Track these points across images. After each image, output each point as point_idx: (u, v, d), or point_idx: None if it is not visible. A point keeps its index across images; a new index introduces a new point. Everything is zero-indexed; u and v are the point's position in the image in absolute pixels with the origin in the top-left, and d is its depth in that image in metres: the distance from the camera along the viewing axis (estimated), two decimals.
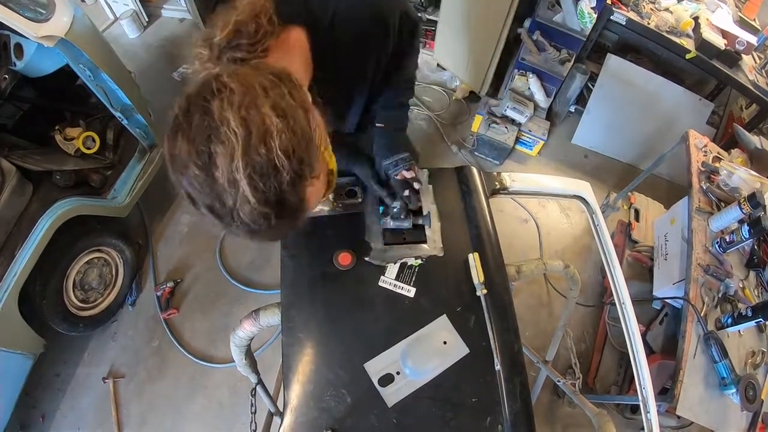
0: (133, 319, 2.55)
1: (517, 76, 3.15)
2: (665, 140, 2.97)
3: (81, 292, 2.26)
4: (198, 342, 2.50)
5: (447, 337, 1.03)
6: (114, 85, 2.09)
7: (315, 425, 0.93)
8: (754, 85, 2.69)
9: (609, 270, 1.30)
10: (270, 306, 1.13)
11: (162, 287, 2.58)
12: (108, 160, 2.32)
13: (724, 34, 2.73)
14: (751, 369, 1.76)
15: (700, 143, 2.27)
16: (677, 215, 2.28)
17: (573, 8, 2.74)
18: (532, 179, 1.38)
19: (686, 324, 1.76)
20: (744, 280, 1.95)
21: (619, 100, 3.19)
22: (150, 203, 2.82)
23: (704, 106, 3.17)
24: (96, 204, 2.21)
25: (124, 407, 2.32)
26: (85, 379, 2.37)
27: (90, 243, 2.25)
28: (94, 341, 2.47)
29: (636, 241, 2.73)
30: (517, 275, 1.23)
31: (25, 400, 2.19)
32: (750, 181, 2.06)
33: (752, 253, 1.99)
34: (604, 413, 1.28)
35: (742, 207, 1.90)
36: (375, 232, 1.16)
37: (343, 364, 0.99)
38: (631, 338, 1.22)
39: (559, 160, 3.38)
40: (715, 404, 1.68)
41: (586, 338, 2.62)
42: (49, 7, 1.79)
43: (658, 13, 2.81)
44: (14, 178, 1.87)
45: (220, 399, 2.35)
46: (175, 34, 3.80)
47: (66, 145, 2.11)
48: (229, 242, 2.82)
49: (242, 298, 2.63)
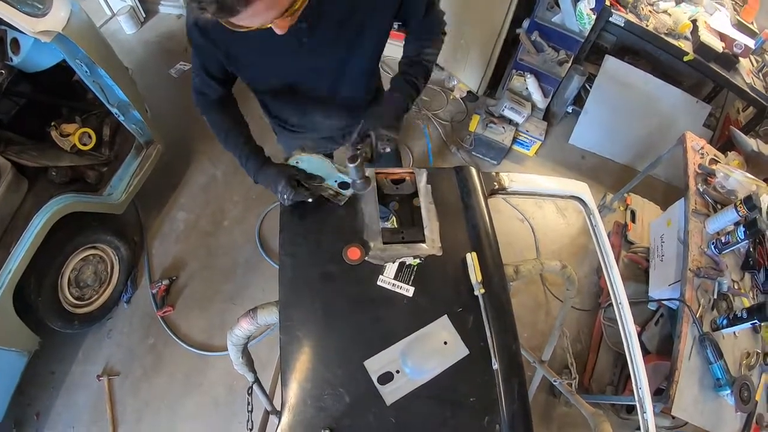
0: (128, 317, 2.54)
1: (515, 77, 3.15)
2: (662, 142, 2.98)
3: (76, 289, 2.25)
4: (194, 339, 2.49)
5: (447, 338, 1.03)
6: (110, 81, 2.08)
7: (313, 424, 0.93)
8: (751, 88, 2.71)
9: (606, 271, 1.30)
10: (268, 304, 1.13)
11: (157, 285, 2.57)
12: (104, 157, 2.30)
13: (722, 36, 2.74)
14: (746, 370, 1.77)
15: (696, 145, 2.28)
16: (673, 217, 2.28)
17: (572, 9, 2.74)
18: (531, 180, 1.38)
19: (682, 325, 1.76)
20: (739, 281, 1.96)
21: (616, 102, 3.20)
22: (146, 200, 2.81)
23: (701, 109, 3.18)
24: (92, 201, 2.20)
25: (119, 405, 2.31)
26: (80, 376, 2.36)
27: (85, 240, 2.24)
28: (90, 339, 2.46)
29: (632, 242, 2.74)
30: (515, 275, 1.23)
31: (19, 397, 2.19)
32: (746, 183, 2.07)
33: (748, 255, 2.00)
34: (600, 413, 1.29)
35: (738, 209, 1.91)
36: (374, 231, 1.16)
37: (341, 363, 0.99)
38: (628, 339, 1.22)
39: (556, 160, 3.38)
40: (709, 405, 1.69)
41: (581, 338, 2.63)
42: (46, 2, 1.78)
43: (657, 15, 2.82)
44: (9, 173, 1.86)
45: (216, 397, 2.34)
46: (172, 30, 3.79)
47: (62, 141, 2.10)
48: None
49: (238, 296, 2.63)
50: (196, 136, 3.16)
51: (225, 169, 3.07)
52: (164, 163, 2.70)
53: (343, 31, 1.17)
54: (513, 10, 2.80)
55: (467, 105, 3.55)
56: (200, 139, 3.16)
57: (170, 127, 2.93)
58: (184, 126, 3.16)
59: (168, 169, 2.92)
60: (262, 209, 2.91)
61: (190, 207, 2.92)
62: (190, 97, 1.38)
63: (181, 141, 3.11)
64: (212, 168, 3.08)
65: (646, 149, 3.28)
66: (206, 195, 2.98)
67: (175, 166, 3.03)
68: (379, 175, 1.30)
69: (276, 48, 1.13)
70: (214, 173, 3.06)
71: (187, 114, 3.20)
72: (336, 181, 1.19)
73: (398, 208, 1.28)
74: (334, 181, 1.19)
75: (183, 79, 3.48)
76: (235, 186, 3.01)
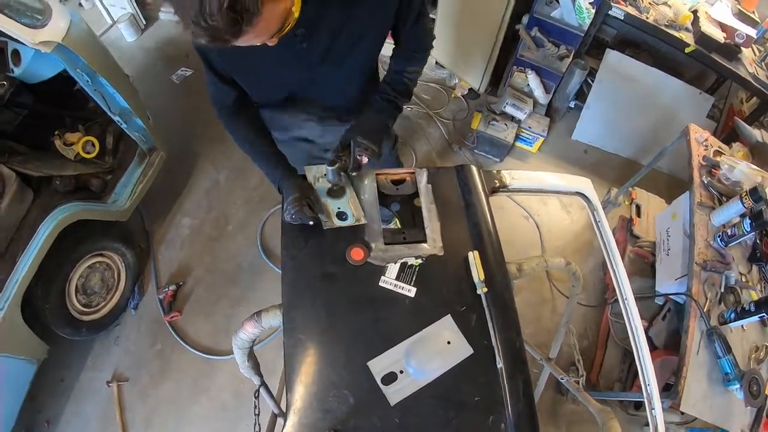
0: (135, 323, 2.56)
1: (516, 73, 3.14)
2: (665, 135, 2.95)
3: (83, 296, 2.26)
4: (201, 344, 2.50)
5: (451, 337, 1.02)
6: (112, 89, 2.09)
7: (318, 426, 0.93)
8: (754, 78, 2.68)
9: (611, 266, 1.29)
10: (271, 308, 1.14)
11: (164, 290, 2.59)
12: (108, 165, 2.32)
13: (723, 27, 2.72)
14: (755, 364, 1.76)
15: (700, 137, 2.26)
16: (679, 210, 2.27)
17: (571, 4, 2.73)
18: (533, 176, 1.37)
19: (689, 320, 1.75)
20: (746, 274, 1.95)
21: (618, 96, 3.18)
22: (150, 207, 2.83)
23: (704, 100, 3.15)
24: (96, 209, 2.22)
25: (128, 411, 2.32)
26: (89, 383, 2.38)
27: (91, 247, 2.25)
28: (98, 345, 2.47)
29: (637, 237, 2.72)
30: (518, 273, 1.22)
31: (30, 405, 2.20)
32: (751, 175, 2.05)
33: (754, 247, 1.98)
34: (608, 410, 1.28)
35: (743, 201, 1.89)
36: (375, 232, 1.16)
37: (345, 364, 0.99)
38: (635, 335, 1.21)
39: (559, 156, 3.37)
40: (718, 400, 1.67)
41: (588, 335, 2.61)
42: (46, 12, 1.79)
43: (657, 7, 2.80)
44: (14, 184, 1.87)
45: (224, 401, 2.35)
46: (172, 37, 3.81)
47: (66, 150, 2.12)
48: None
49: (244, 300, 2.63)
50: (198, 141, 3.18)
51: (228, 174, 3.08)
52: (168, 170, 2.72)
53: (337, 42, 1.18)
54: (512, 6, 2.79)
55: (469, 103, 3.54)
56: (203, 144, 3.17)
57: (173, 133, 2.95)
58: (187, 132, 3.18)
59: (172, 175, 2.94)
60: (264, 213, 2.92)
61: (195, 212, 2.94)
62: (192, 102, 1.40)
63: (184, 147, 3.13)
64: (215, 173, 3.09)
65: (649, 143, 3.25)
66: (210, 200, 2.99)
67: (179, 172, 3.04)
68: (380, 176, 1.30)
69: (271, 56, 1.14)
70: (217, 178, 3.07)
71: (189, 119, 3.22)
72: (339, 208, 1.20)
73: (399, 209, 1.29)
74: (337, 207, 1.20)
75: (185, 85, 3.50)
76: (238, 190, 3.02)
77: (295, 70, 1.26)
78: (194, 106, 3.20)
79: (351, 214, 1.18)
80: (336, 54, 1.22)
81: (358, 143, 1.23)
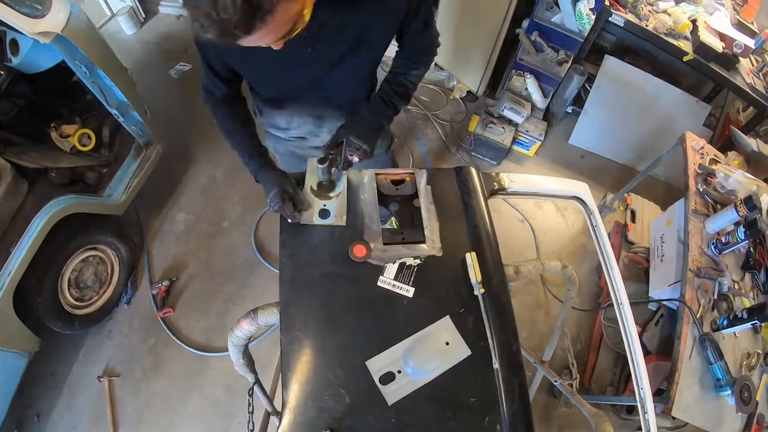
0: (128, 318, 2.54)
1: (515, 77, 3.15)
2: (662, 142, 2.98)
3: (76, 290, 2.25)
4: (194, 340, 2.49)
5: (450, 338, 1.02)
6: (110, 82, 2.07)
7: (313, 425, 0.92)
8: (751, 87, 2.71)
9: (607, 271, 1.30)
10: (268, 305, 1.13)
11: (157, 286, 2.57)
12: (104, 158, 2.31)
13: (722, 36, 2.75)
14: (747, 370, 1.77)
15: (697, 145, 2.28)
16: (673, 217, 2.28)
17: (571, 9, 2.74)
18: (531, 180, 1.38)
19: (682, 326, 1.76)
20: (739, 281, 1.96)
21: (616, 102, 3.20)
22: (146, 201, 2.81)
23: (701, 108, 3.18)
24: (92, 202, 2.20)
25: (119, 406, 2.31)
26: (81, 377, 2.36)
27: (85, 241, 2.24)
28: (90, 340, 2.46)
29: (632, 242, 2.74)
30: (515, 275, 1.22)
31: (20, 399, 2.18)
32: (746, 183, 2.07)
33: (748, 255, 2.00)
34: (601, 414, 1.28)
35: (738, 209, 1.90)
36: (374, 232, 1.16)
37: (342, 363, 0.99)
38: (629, 340, 1.21)
39: (555, 160, 3.39)
40: (710, 405, 1.68)
41: (581, 339, 2.63)
42: (46, 3, 1.78)
43: (656, 15, 2.82)
44: (9, 175, 1.86)
45: (216, 398, 2.34)
46: (172, 31, 3.79)
47: (61, 143, 2.10)
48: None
49: (238, 297, 2.62)
50: (196, 136, 3.16)
51: (225, 170, 3.07)
52: (164, 164, 2.70)
53: (343, 46, 1.18)
54: (512, 10, 2.79)
55: (467, 105, 3.55)
56: (200, 139, 3.15)
57: (170, 127, 2.94)
58: (184, 127, 3.17)
59: (168, 170, 2.92)
60: (260, 210, 2.91)
61: (190, 208, 2.92)
62: (190, 97, 1.39)
63: (181, 142, 3.11)
64: (212, 169, 3.08)
65: (646, 149, 3.28)
66: (206, 196, 2.98)
67: (175, 167, 3.02)
68: (379, 176, 1.30)
69: (277, 58, 1.14)
70: (213, 174, 3.06)
71: (187, 115, 3.20)
72: (324, 205, 1.20)
73: (398, 209, 1.29)
74: (323, 204, 1.20)
75: (183, 80, 3.48)
76: (235, 187, 3.01)
77: (297, 72, 1.26)
78: (192, 101, 3.19)
79: (334, 214, 1.18)
80: (340, 58, 1.22)
81: (350, 142, 1.23)
